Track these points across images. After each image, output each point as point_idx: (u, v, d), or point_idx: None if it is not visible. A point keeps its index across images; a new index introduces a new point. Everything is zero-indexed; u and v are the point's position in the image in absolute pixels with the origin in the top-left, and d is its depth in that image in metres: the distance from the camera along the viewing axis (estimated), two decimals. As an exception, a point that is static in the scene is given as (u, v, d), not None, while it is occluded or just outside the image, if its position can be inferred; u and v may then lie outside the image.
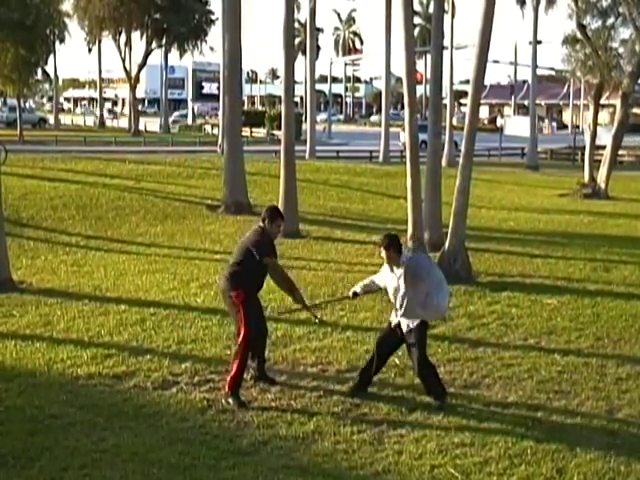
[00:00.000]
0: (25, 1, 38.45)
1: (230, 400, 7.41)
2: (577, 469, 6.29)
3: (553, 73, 79.04)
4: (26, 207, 19.59)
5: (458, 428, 7.02)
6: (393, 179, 28.34)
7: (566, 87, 77.92)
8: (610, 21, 27.50)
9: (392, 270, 7.62)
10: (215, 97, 62.03)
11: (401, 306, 7.53)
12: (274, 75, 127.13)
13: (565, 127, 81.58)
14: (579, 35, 27.85)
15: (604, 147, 28.97)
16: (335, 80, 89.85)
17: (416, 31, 77.11)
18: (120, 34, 59.52)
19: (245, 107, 78.27)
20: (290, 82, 18.91)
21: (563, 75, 45.81)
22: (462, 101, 79.97)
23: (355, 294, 8.16)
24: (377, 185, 27.98)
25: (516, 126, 62.42)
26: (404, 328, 7.61)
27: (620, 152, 30.46)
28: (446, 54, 31.30)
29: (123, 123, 69.99)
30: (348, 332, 9.90)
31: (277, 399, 7.61)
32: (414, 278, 7.45)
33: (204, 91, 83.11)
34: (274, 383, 7.98)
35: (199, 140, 50.05)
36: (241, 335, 7.49)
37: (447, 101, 38.76)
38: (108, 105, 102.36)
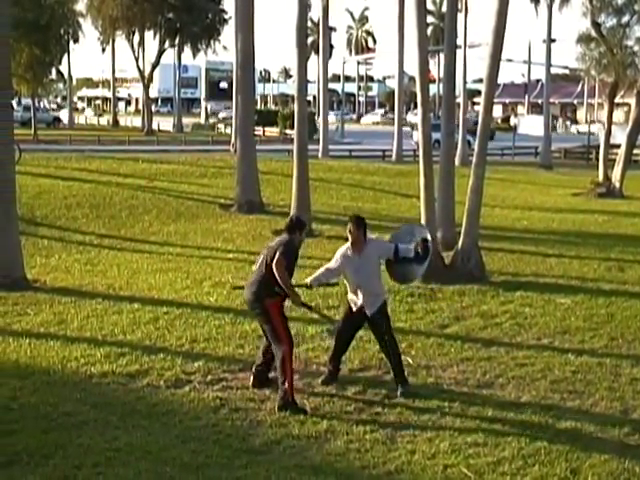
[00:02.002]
0: (39, 1, 38.75)
1: (290, 408, 7.22)
2: (591, 469, 6.25)
3: (567, 72, 78.68)
4: (40, 206, 19.70)
5: (471, 428, 7.00)
6: (406, 178, 28.29)
7: (580, 86, 77.61)
8: (625, 19, 27.33)
9: (354, 252, 7.82)
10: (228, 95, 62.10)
11: (365, 288, 7.75)
12: (287, 74, 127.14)
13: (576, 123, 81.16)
14: (594, 33, 27.69)
15: (619, 146, 28.81)
16: (348, 79, 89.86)
17: (429, 30, 76.92)
18: (133, 34, 59.72)
19: (258, 106, 78.38)
20: (303, 81, 18.92)
21: (577, 74, 45.59)
22: (475, 100, 79.71)
23: (309, 287, 8.27)
24: (390, 184, 27.94)
25: (530, 125, 62.19)
26: (368, 311, 7.78)
27: (635, 151, 30.25)
28: (459, 53, 31.23)
29: (136, 122, 70.19)
30: (360, 331, 9.83)
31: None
32: (381, 251, 7.84)
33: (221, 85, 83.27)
34: (274, 381, 7.94)
35: (212, 139, 50.16)
36: (282, 349, 7.35)
37: (460, 100, 38.65)
38: (121, 104, 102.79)
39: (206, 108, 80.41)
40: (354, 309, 7.94)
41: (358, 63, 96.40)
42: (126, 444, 6.49)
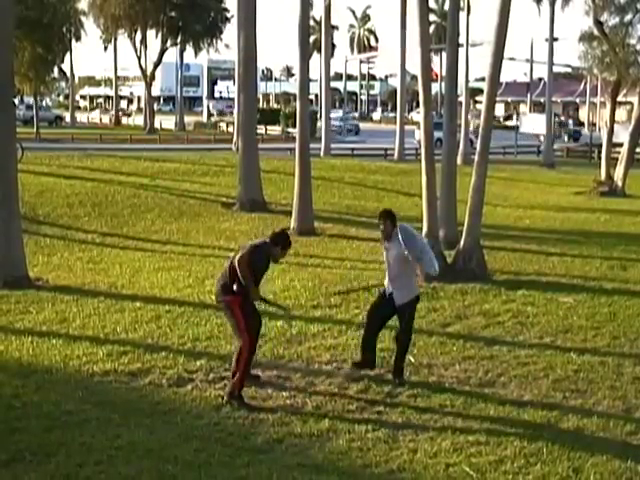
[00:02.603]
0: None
1: (234, 401, 7.36)
2: (593, 469, 6.25)
3: (570, 70, 78.50)
4: (42, 204, 19.72)
5: (473, 427, 6.99)
6: (408, 177, 28.27)
7: (583, 84, 77.48)
8: (628, 17, 27.31)
9: (387, 241, 8.11)
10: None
11: (392, 273, 7.98)
12: (289, 73, 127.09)
13: (582, 124, 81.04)
14: (596, 32, 27.66)
15: (621, 145, 28.78)
16: (350, 78, 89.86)
17: (431, 28, 76.80)
18: (136, 32, 59.70)
19: (260, 105, 78.34)
20: (305, 80, 18.91)
21: (580, 72, 45.58)
22: (478, 99, 79.62)
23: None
24: (392, 183, 27.94)
25: (532, 124, 62.10)
26: (397, 301, 7.96)
27: (638, 150, 30.23)
28: (461, 51, 31.15)
29: (138, 120, 70.20)
30: (363, 329, 9.87)
31: (292, 397, 7.61)
32: (407, 237, 7.98)
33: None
34: (258, 378, 7.97)
35: (214, 138, 50.16)
36: (242, 344, 7.42)
37: (462, 99, 38.61)
38: (124, 103, 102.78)
39: (208, 107, 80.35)
40: (386, 294, 8.13)
41: (360, 62, 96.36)
42: (128, 442, 6.49)
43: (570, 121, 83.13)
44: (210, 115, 76.13)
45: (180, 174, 26.30)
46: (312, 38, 71.58)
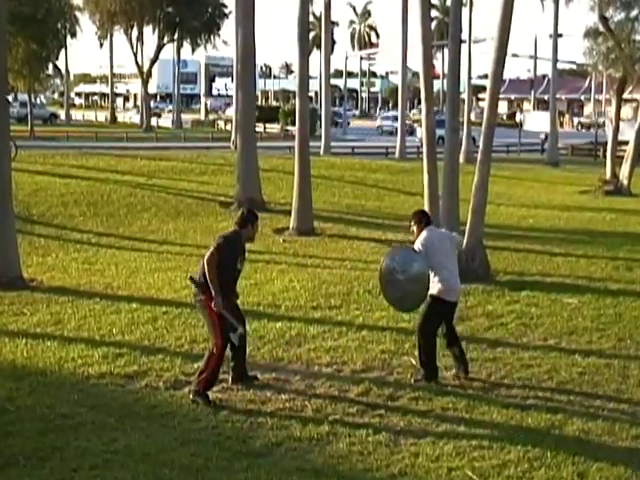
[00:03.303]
0: (36, -5, 38.69)
1: (198, 399, 7.42)
2: (599, 473, 6.25)
3: (574, 67, 78.56)
4: (37, 204, 19.72)
5: (476, 430, 6.99)
6: (409, 176, 28.26)
7: (588, 81, 77.43)
8: (634, 13, 27.26)
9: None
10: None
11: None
12: (288, 70, 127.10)
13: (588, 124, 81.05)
14: (601, 28, 27.63)
15: (627, 143, 28.77)
16: (350, 75, 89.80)
17: (433, 24, 76.88)
18: (132, 28, 59.68)
19: (259, 102, 78.34)
20: (305, 77, 18.90)
21: (585, 69, 45.49)
22: (480, 96, 79.59)
23: None
24: (393, 182, 27.94)
25: (536, 121, 62.15)
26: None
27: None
28: (464, 48, 31.13)
29: (134, 118, 70.18)
30: (363, 331, 9.89)
31: (291, 400, 7.61)
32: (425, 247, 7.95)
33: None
34: (256, 379, 8.01)
35: (212, 136, 50.15)
36: (214, 345, 7.45)
37: (465, 96, 38.60)
38: (120, 100, 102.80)
39: (206, 104, 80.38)
40: None
41: (361, 58, 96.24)
42: (124, 446, 6.49)
43: (575, 119, 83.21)
44: (208, 113, 76.19)
45: (177, 173, 26.29)
46: (312, 34, 71.59)
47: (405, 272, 7.87)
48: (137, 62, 61.29)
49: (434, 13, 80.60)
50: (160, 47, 60.78)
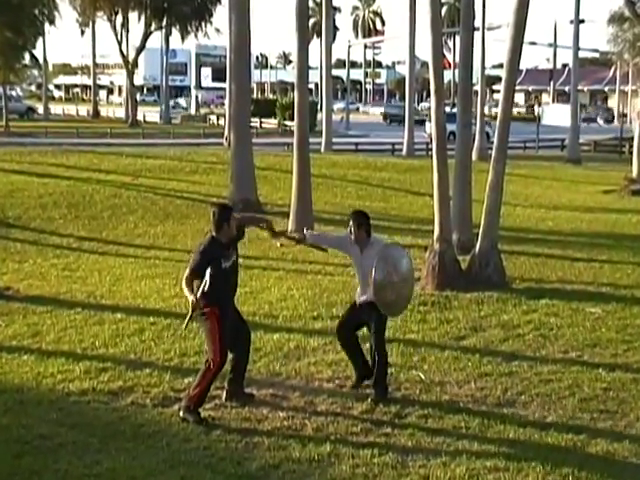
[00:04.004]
0: (11, -22, 38.81)
1: (189, 417, 7.44)
2: (624, 497, 6.25)
3: (597, 55, 78.70)
4: (12, 206, 19.74)
5: (491, 451, 7.00)
6: (418, 174, 28.30)
7: (612, 71, 77.58)
8: (664, -4, 27.35)
9: (356, 246, 8.15)
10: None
11: (369, 285, 7.99)
12: (286, 60, 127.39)
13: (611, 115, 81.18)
14: (627, 13, 27.70)
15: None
16: (354, 65, 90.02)
17: (443, 10, 77.11)
18: (116, 14, 59.86)
19: (254, 95, 78.45)
20: (304, 67, 18.93)
21: (609, 58, 45.59)
22: (495, 87, 79.75)
23: (298, 241, 8.63)
24: (400, 181, 27.97)
25: (555, 115, 62.27)
26: (371, 299, 8.06)
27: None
28: (477, 35, 31.20)
29: (119, 112, 70.31)
30: (367, 344, 9.88)
31: (289, 418, 7.61)
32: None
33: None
34: (252, 397, 8.02)
35: (203, 132, 50.23)
36: (211, 360, 7.47)
37: (478, 88, 38.67)
38: (103, 93, 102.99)
39: (197, 97, 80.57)
40: (357, 303, 8.27)
41: (365, 47, 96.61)
42: (108, 469, 6.49)
43: (599, 112, 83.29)
44: (199, 106, 76.36)
45: (166, 172, 26.32)
46: (312, 21, 71.75)
47: (397, 272, 8.07)
48: (122, 51, 61.46)
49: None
50: (147, 35, 60.94)
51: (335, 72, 58.91)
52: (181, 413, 7.51)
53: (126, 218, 19.29)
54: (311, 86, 60.93)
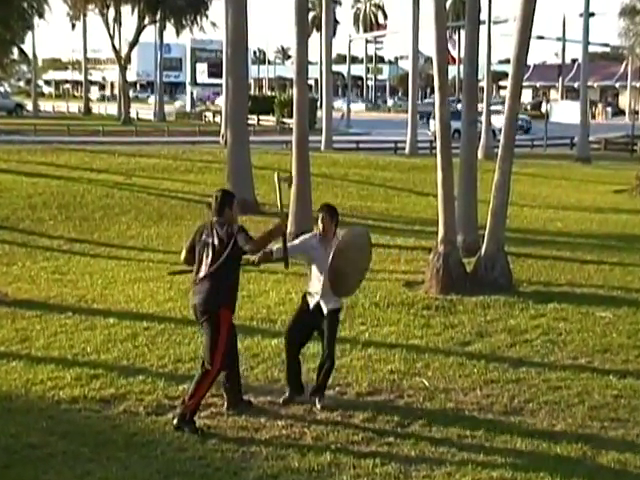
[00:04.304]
0: (-1, -30, 38.82)
1: (184, 426, 7.42)
2: (636, 509, 6.26)
3: (608, 50, 78.77)
4: (0, 206, 19.74)
5: (497, 461, 7.00)
6: (421, 173, 28.33)
7: (623, 66, 77.62)
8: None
9: (321, 243, 8.33)
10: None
11: (324, 285, 8.01)
12: (285, 55, 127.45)
13: (622, 113, 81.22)
14: None
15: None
16: (355, 60, 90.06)
17: (448, 3, 77.10)
18: (108, 7, 59.94)
19: (252, 91, 78.49)
20: (303, 63, 18.94)
21: (620, 52, 45.62)
22: (501, 84, 79.82)
23: (256, 263, 8.45)
24: (403, 180, 27.99)
25: (564, 112, 62.33)
26: (326, 307, 8.06)
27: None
28: (483, 29, 31.26)
29: (111, 109, 70.32)
30: (370, 349, 9.91)
31: (288, 426, 7.62)
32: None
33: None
34: (250, 405, 8.02)
35: (199, 129, 50.26)
36: (213, 366, 7.48)
37: (484, 84, 38.71)
38: (95, 89, 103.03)
39: (192, 93, 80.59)
40: (311, 305, 8.18)
41: (366, 42, 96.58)
42: (100, 479, 6.48)
43: (609, 109, 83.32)
44: (194, 103, 76.40)
45: (160, 171, 26.34)
46: (311, 15, 71.80)
47: (354, 241, 8.64)
48: (114, 46, 61.52)
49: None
50: (140, 29, 61.02)
51: (335, 68, 58.94)
52: (175, 421, 7.51)
53: (119, 219, 19.29)
54: (311, 82, 60.87)
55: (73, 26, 70.82)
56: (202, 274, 7.56)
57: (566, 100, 73.90)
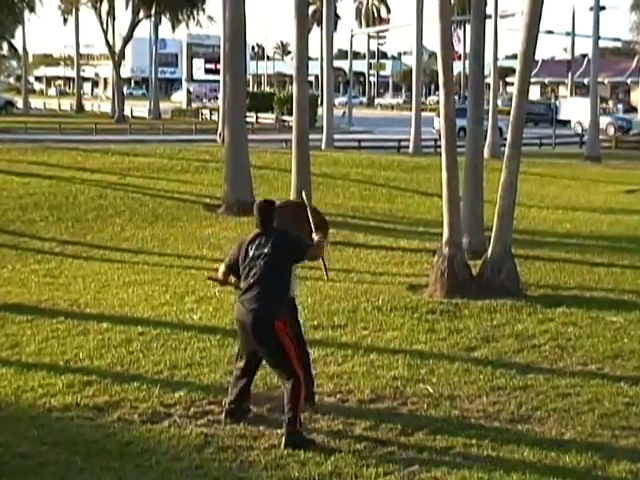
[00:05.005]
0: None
1: (298, 441, 7.30)
2: (648, 520, 6.26)
3: (619, 45, 78.78)
4: (-10, 207, 19.76)
5: (504, 470, 6.99)
6: (425, 173, 28.34)
7: (635, 61, 77.64)
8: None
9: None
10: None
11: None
12: (284, 50, 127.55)
13: (634, 110, 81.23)
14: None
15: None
16: (357, 56, 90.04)
17: (453, -4, 77.12)
18: (101, 1, 59.94)
19: (250, 88, 78.54)
20: (303, 58, 18.97)
21: (631, 47, 45.63)
22: (508, 80, 79.86)
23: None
24: (406, 180, 28.00)
25: (574, 109, 62.27)
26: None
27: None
28: (489, 24, 31.26)
29: (105, 107, 70.37)
30: (372, 355, 9.91)
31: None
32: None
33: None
34: (249, 412, 8.01)
35: (195, 127, 50.31)
36: (296, 377, 7.44)
37: (490, 80, 38.72)
38: (87, 85, 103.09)
39: (188, 90, 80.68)
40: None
41: (369, 37, 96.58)
42: (93, 490, 6.51)
43: (619, 106, 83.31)
44: (190, 100, 76.49)
45: (155, 171, 26.35)
46: (311, 9, 71.87)
47: None
48: (108, 41, 61.55)
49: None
50: (135, 24, 61.01)
51: (337, 63, 58.87)
52: (284, 444, 7.27)
53: (112, 220, 19.30)
54: (311, 78, 60.96)
55: (65, 20, 70.87)
56: (256, 290, 7.58)
57: (576, 97, 73.92)
